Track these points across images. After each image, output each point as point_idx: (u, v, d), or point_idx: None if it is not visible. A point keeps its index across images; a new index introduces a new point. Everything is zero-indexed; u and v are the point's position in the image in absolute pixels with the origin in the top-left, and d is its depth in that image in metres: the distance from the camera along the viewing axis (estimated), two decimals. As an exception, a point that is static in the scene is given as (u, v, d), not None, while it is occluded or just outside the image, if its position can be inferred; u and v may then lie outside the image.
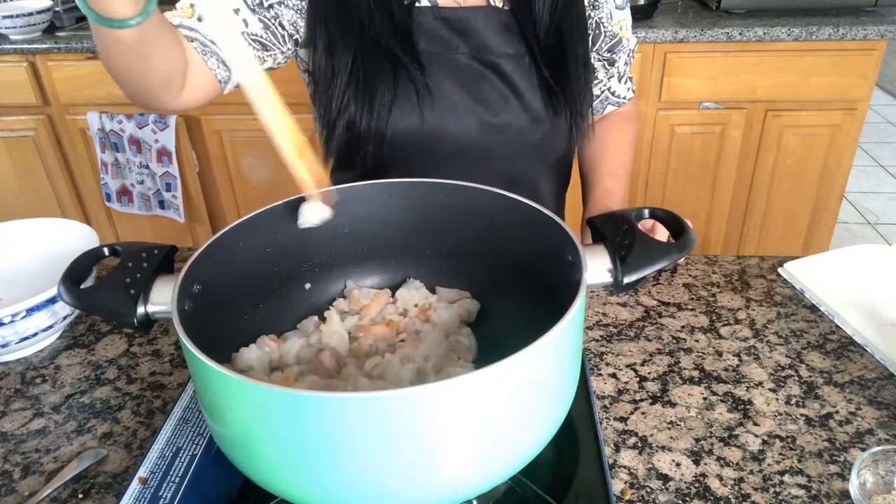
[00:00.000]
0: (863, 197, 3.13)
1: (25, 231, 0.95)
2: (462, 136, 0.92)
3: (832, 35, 1.87)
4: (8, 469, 0.69)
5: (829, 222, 2.16)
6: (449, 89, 0.90)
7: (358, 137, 0.89)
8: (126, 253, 0.63)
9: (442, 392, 0.46)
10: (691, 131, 2.05)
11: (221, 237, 0.64)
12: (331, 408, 0.46)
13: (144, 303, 0.59)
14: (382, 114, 0.88)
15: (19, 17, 2.00)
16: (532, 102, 0.92)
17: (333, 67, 0.87)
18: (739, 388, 0.76)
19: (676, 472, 0.65)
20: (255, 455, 0.52)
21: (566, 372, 0.56)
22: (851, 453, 0.67)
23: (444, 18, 0.90)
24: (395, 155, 0.91)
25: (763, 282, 0.94)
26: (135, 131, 2.09)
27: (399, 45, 0.87)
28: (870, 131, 3.64)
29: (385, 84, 0.87)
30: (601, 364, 0.80)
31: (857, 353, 0.81)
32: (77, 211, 2.35)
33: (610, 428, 0.71)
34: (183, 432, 0.69)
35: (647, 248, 0.60)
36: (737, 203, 2.15)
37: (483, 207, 0.70)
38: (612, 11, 0.98)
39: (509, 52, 0.91)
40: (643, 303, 0.91)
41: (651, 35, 1.89)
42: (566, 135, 0.95)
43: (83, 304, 0.61)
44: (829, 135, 2.02)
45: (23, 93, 2.12)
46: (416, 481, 0.50)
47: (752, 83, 1.96)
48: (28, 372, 0.82)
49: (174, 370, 0.82)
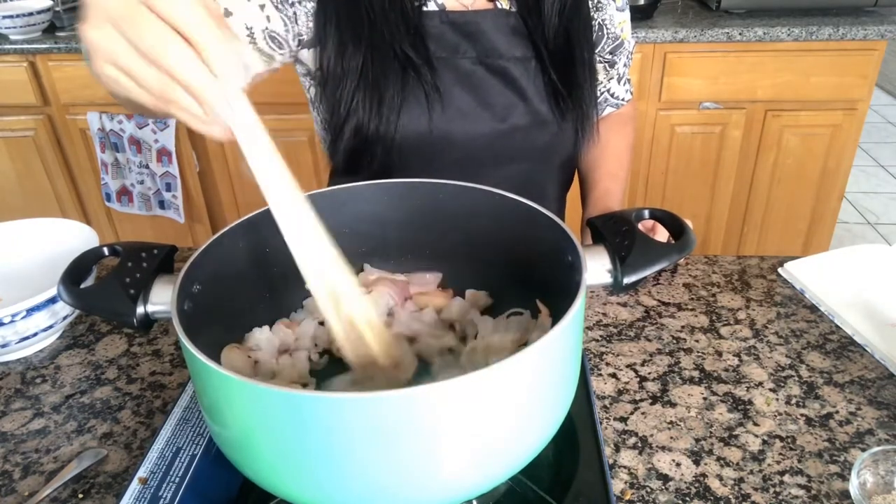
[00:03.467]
0: (863, 197, 3.13)
1: (25, 231, 0.95)
2: (470, 140, 0.92)
3: (832, 35, 1.87)
4: (8, 469, 0.69)
5: (829, 222, 2.16)
6: (457, 94, 0.90)
7: (365, 141, 0.89)
8: (126, 253, 0.63)
9: (441, 392, 0.46)
10: (691, 131, 2.05)
11: (221, 237, 0.64)
12: (329, 408, 0.46)
13: (144, 303, 0.59)
14: (391, 117, 0.87)
15: (19, 17, 2.00)
16: (539, 106, 0.92)
17: (343, 68, 0.86)
18: (739, 388, 0.76)
19: (676, 472, 0.65)
20: (254, 455, 0.52)
21: (566, 373, 0.56)
22: (851, 453, 0.67)
23: (452, 22, 0.90)
24: (403, 159, 0.91)
25: (763, 282, 0.94)
26: (135, 131, 2.09)
27: (411, 45, 0.87)
28: (870, 131, 3.64)
29: (394, 87, 0.87)
30: (601, 364, 0.80)
31: (857, 353, 0.81)
32: (77, 211, 2.35)
33: (610, 428, 0.71)
34: (183, 432, 0.69)
35: (646, 249, 0.60)
36: (737, 203, 2.15)
37: (483, 208, 0.70)
38: (613, 13, 0.98)
39: (517, 55, 0.91)
40: (643, 303, 0.91)
41: (651, 35, 1.89)
42: (572, 138, 0.95)
43: (83, 303, 0.60)
44: (829, 135, 2.02)
45: (23, 93, 2.12)
46: (415, 481, 0.50)
47: (752, 83, 1.96)
48: (28, 372, 0.82)
49: (174, 370, 0.82)
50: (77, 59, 2.05)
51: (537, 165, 0.98)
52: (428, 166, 0.91)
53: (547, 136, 0.94)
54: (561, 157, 0.99)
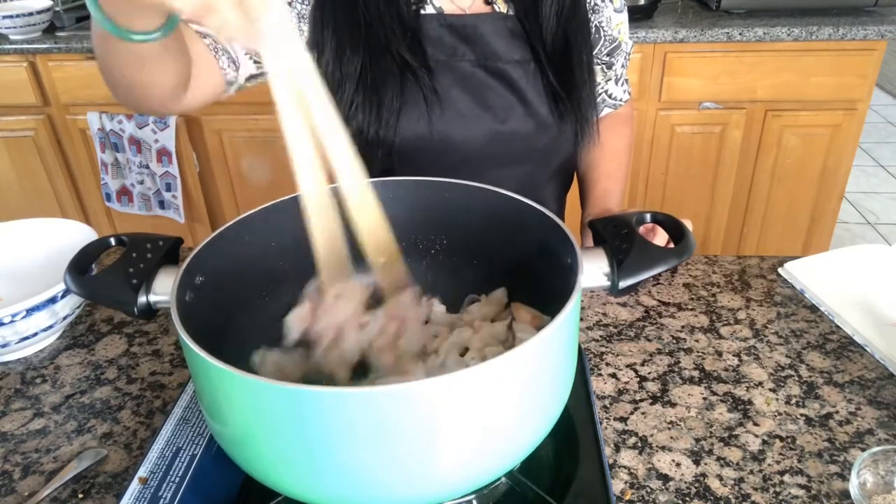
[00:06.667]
0: (863, 197, 3.13)
1: (25, 231, 0.95)
2: (469, 143, 0.91)
3: (832, 35, 1.87)
4: (8, 469, 0.69)
5: (829, 222, 2.16)
6: (456, 96, 0.90)
7: (366, 145, 0.89)
8: (132, 243, 0.63)
9: (438, 387, 0.46)
10: (691, 131, 2.05)
11: (227, 230, 0.64)
12: (328, 402, 0.46)
13: (146, 292, 0.59)
14: (391, 121, 0.87)
15: (19, 17, 2.00)
16: (538, 109, 0.92)
17: (342, 73, 0.86)
18: (739, 388, 0.76)
19: (676, 472, 0.65)
20: (254, 451, 0.53)
21: (560, 371, 0.56)
22: (851, 453, 0.67)
23: (450, 25, 0.90)
24: (403, 162, 0.91)
25: (763, 282, 0.94)
26: (135, 131, 2.09)
27: (408, 49, 0.87)
28: (870, 131, 3.64)
29: (393, 90, 0.86)
30: (601, 364, 0.80)
31: (857, 353, 0.81)
32: (77, 211, 2.36)
33: (610, 428, 0.71)
34: (183, 432, 0.69)
35: (644, 253, 0.60)
36: (737, 203, 2.15)
37: (485, 207, 0.70)
38: (611, 15, 0.98)
39: (516, 58, 0.91)
40: (643, 303, 0.91)
41: (651, 35, 1.89)
42: (571, 140, 0.95)
43: (86, 291, 0.61)
44: (829, 135, 2.02)
45: (23, 93, 2.12)
46: (413, 476, 0.50)
47: (752, 83, 1.96)
48: (28, 372, 0.82)
49: (174, 370, 0.82)
50: (77, 58, 2.05)
51: (537, 167, 0.98)
52: (428, 169, 0.91)
53: (546, 138, 0.94)
54: (560, 158, 0.99)
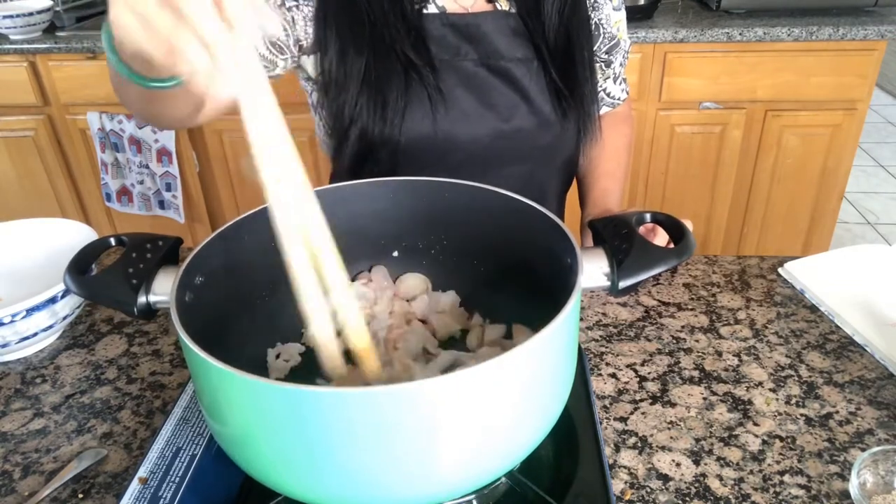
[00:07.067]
0: (863, 197, 3.13)
1: (25, 231, 0.95)
2: (474, 142, 0.92)
3: (832, 35, 1.87)
4: (8, 469, 0.69)
5: (829, 222, 2.16)
6: (460, 96, 0.90)
7: (371, 145, 0.89)
8: (131, 243, 0.63)
9: (438, 387, 0.46)
10: (691, 131, 2.05)
11: (227, 230, 0.64)
12: (328, 402, 0.46)
13: (146, 292, 0.59)
14: (395, 121, 0.87)
15: (19, 17, 2.00)
16: (542, 106, 0.92)
17: (346, 73, 0.86)
18: (739, 388, 0.76)
19: (676, 472, 0.65)
20: (254, 451, 0.52)
21: (560, 372, 0.56)
22: (851, 453, 0.67)
23: (453, 24, 0.90)
24: (407, 162, 0.91)
25: (763, 282, 0.94)
26: (135, 131, 2.09)
27: (412, 48, 0.87)
28: (870, 131, 3.64)
29: (397, 89, 0.86)
30: (601, 364, 0.80)
31: (857, 353, 0.81)
32: (77, 211, 2.35)
33: (610, 428, 0.71)
34: (183, 432, 0.69)
35: (644, 253, 0.60)
36: (737, 203, 2.15)
37: (485, 207, 0.70)
38: (609, 13, 0.98)
39: (518, 56, 0.91)
40: (643, 303, 0.91)
41: (651, 35, 1.89)
42: (574, 137, 0.96)
43: (86, 291, 0.61)
44: (828, 135, 2.02)
45: (23, 93, 2.12)
46: (413, 476, 0.50)
47: (752, 83, 1.96)
48: (28, 372, 0.82)
49: (174, 370, 0.82)
50: (77, 58, 2.05)
51: (540, 165, 0.98)
52: (432, 168, 0.91)
53: (550, 136, 0.94)
54: (563, 156, 0.99)
